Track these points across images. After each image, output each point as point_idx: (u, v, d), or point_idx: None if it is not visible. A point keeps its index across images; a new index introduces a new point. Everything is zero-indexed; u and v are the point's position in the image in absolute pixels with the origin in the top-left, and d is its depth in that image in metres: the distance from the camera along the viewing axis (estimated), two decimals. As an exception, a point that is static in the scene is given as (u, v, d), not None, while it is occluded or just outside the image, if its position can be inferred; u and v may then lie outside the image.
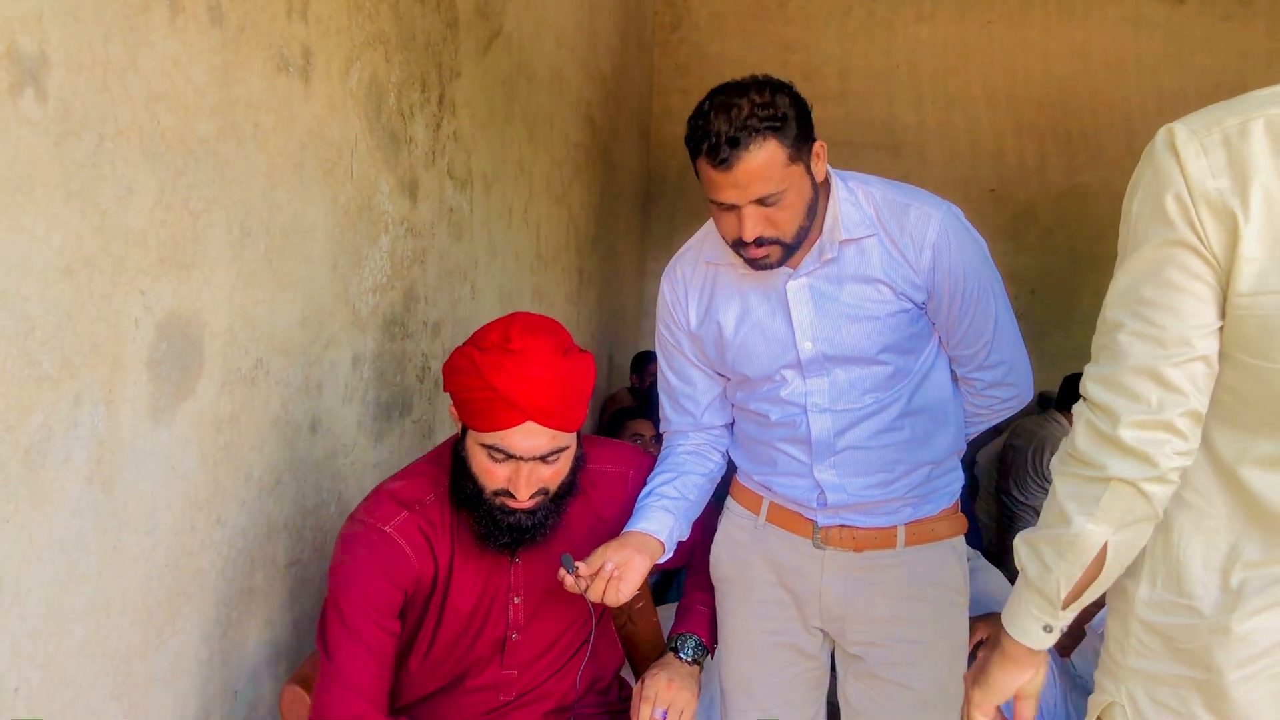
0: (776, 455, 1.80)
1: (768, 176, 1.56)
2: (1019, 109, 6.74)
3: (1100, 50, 6.71)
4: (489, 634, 1.73)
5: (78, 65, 1.33)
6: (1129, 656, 1.23)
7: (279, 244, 1.87)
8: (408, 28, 2.43)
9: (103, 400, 1.42)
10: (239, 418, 1.78)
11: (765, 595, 1.84)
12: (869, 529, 1.77)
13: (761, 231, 1.60)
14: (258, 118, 1.78)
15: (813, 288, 1.70)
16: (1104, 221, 6.75)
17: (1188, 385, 1.11)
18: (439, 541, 1.68)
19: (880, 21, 6.81)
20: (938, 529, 1.80)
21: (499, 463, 1.58)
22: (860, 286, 1.69)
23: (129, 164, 1.44)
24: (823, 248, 1.68)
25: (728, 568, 1.89)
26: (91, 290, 1.38)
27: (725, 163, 1.54)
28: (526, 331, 1.57)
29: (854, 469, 1.75)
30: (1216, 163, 1.09)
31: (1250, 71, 6.57)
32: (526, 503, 1.59)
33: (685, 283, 1.85)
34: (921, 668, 1.77)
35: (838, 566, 1.79)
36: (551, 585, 1.71)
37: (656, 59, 6.85)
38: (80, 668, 1.43)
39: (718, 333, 1.80)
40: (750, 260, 1.65)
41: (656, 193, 6.82)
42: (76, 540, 1.39)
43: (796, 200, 1.60)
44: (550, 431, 1.56)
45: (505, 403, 1.52)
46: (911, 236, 1.68)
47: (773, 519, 1.83)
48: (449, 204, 2.79)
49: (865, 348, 1.70)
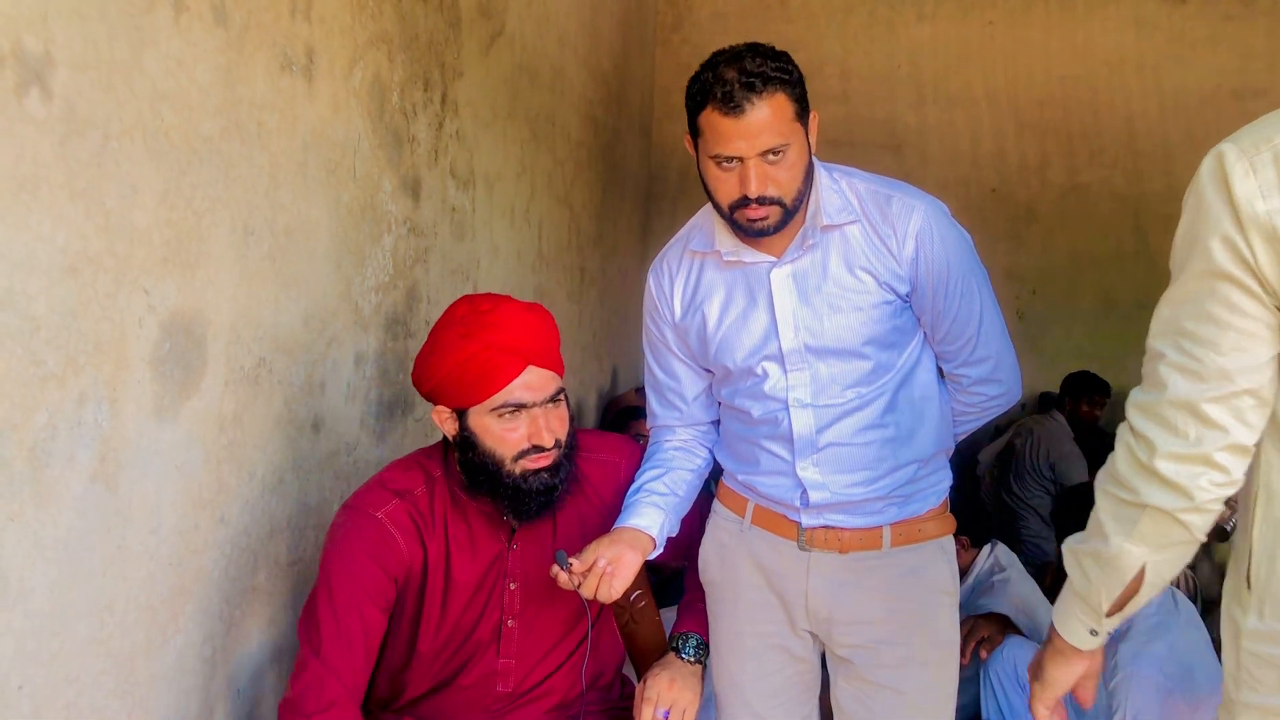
0: (759, 453, 1.78)
1: (777, 128, 1.56)
2: (1020, 109, 6.73)
3: (1102, 50, 6.70)
4: (486, 621, 1.74)
5: (82, 65, 1.33)
6: (1241, 691, 1.18)
7: (282, 243, 1.88)
8: (410, 27, 2.43)
9: (107, 399, 1.42)
10: (242, 416, 1.78)
11: (753, 598, 1.82)
12: (854, 530, 1.74)
13: (765, 188, 1.59)
14: (261, 117, 1.78)
15: (796, 275, 1.70)
16: (1105, 221, 6.75)
17: (1229, 420, 1.10)
18: (429, 531, 1.70)
19: (882, 21, 6.81)
20: (925, 529, 1.77)
21: (512, 421, 1.63)
22: (843, 275, 1.69)
23: (133, 163, 1.44)
24: (805, 234, 1.68)
25: (715, 570, 1.87)
26: (96, 289, 1.38)
27: (738, 108, 1.54)
28: (486, 299, 1.67)
29: (836, 466, 1.72)
30: (1267, 182, 1.05)
31: (1251, 71, 6.57)
32: (551, 453, 1.64)
33: (670, 274, 1.85)
34: (911, 670, 1.74)
35: (823, 569, 1.75)
36: (546, 573, 1.73)
37: (658, 58, 6.85)
38: (84, 666, 1.43)
39: (701, 324, 1.79)
40: (748, 223, 1.63)
41: (658, 192, 6.82)
42: (80, 539, 1.40)
43: (798, 161, 1.61)
44: (548, 373, 1.64)
45: (504, 353, 1.60)
46: (894, 226, 1.68)
47: (758, 521, 1.81)
48: (451, 203, 2.80)
49: (848, 339, 1.68)
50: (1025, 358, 1.78)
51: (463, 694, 1.76)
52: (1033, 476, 4.94)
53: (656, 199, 6.79)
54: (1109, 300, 6.86)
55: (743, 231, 1.67)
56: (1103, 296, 6.86)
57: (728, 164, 1.59)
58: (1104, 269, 6.82)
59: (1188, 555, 1.19)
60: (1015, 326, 1.83)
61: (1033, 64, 6.71)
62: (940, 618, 1.78)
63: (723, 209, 1.65)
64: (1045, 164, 6.77)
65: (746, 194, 1.59)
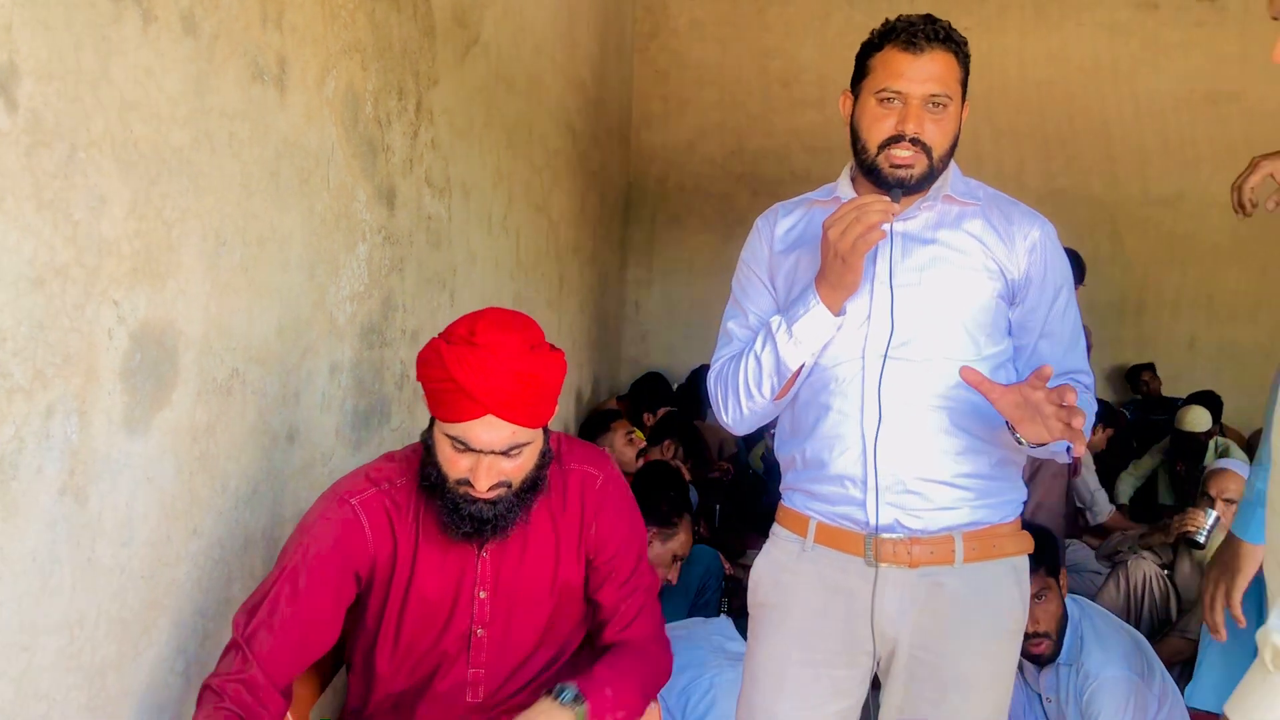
0: (824, 416, 1.71)
1: (945, 79, 1.63)
2: (996, 114, 6.78)
3: (1076, 56, 6.76)
4: (455, 628, 1.72)
5: (48, 75, 1.32)
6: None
7: (255, 253, 1.87)
8: (384, 36, 2.43)
9: (76, 411, 1.41)
10: (215, 428, 1.77)
11: (807, 624, 1.72)
12: (924, 540, 1.65)
13: (922, 130, 1.63)
14: (232, 127, 1.77)
15: (905, 234, 1.70)
16: (1081, 225, 6.79)
17: None
18: (402, 524, 1.68)
19: (859, 28, 6.79)
20: (1000, 544, 1.69)
21: (460, 453, 1.59)
22: (951, 234, 1.70)
23: (102, 174, 1.43)
24: (928, 198, 1.71)
25: (768, 591, 1.78)
26: (64, 300, 1.37)
27: (918, 47, 1.62)
28: (494, 326, 1.59)
29: (907, 432, 1.66)
30: None
31: (1223, 76, 6.64)
32: (487, 494, 1.60)
33: (778, 216, 1.85)
34: (959, 694, 1.66)
35: (891, 584, 1.66)
36: (521, 585, 1.71)
37: (636, 66, 6.87)
38: (54, 681, 1.42)
39: (794, 265, 1.77)
40: (892, 168, 1.65)
41: (637, 199, 6.83)
42: (49, 552, 1.38)
43: (952, 124, 1.66)
44: (512, 426, 1.57)
45: (465, 396, 1.54)
46: (1017, 227, 1.72)
47: (821, 539, 1.72)
48: (427, 212, 2.79)
49: (939, 300, 1.67)
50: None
51: (435, 703, 1.75)
52: None
53: (635, 206, 6.81)
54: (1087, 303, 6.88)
55: (879, 180, 1.67)
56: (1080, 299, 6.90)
57: (890, 102, 1.64)
58: (1081, 273, 6.86)
59: None
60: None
61: (1008, 70, 6.76)
62: (1003, 647, 1.71)
63: (870, 150, 1.67)
64: (1022, 169, 6.82)
65: (903, 131, 1.63)
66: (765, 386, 1.73)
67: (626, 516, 1.82)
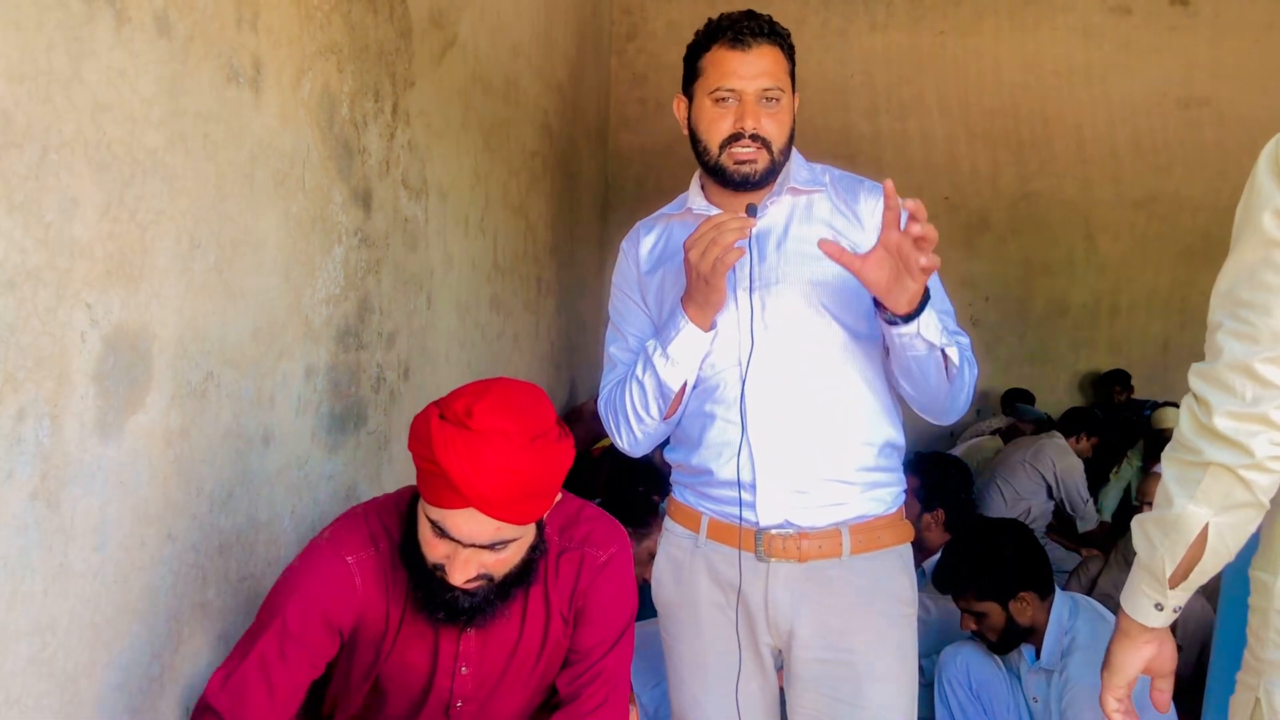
0: (707, 424, 1.75)
1: (776, 74, 1.69)
2: (971, 118, 6.83)
3: (1051, 60, 6.82)
4: (434, 699, 1.66)
5: (19, 76, 1.31)
6: (1268, 649, 1.26)
7: (229, 255, 1.86)
8: (360, 38, 2.42)
9: (48, 415, 1.40)
10: (189, 431, 1.76)
11: (713, 616, 1.79)
12: (813, 535, 1.71)
13: (759, 125, 1.67)
14: (207, 128, 1.76)
15: (758, 234, 1.74)
16: (1056, 228, 6.86)
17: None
18: (395, 587, 1.60)
19: (835, 31, 6.87)
20: (883, 536, 1.75)
21: (439, 539, 1.48)
22: (803, 226, 1.74)
23: (74, 176, 1.42)
24: (774, 192, 1.75)
25: (671, 590, 1.85)
26: (36, 304, 1.36)
27: (744, 44, 1.66)
28: (496, 409, 1.43)
29: (788, 432, 1.70)
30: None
31: (1195, 80, 6.72)
32: (464, 585, 1.50)
33: (640, 235, 1.91)
34: (870, 684, 1.72)
35: (783, 579, 1.73)
36: (506, 663, 1.64)
37: (614, 68, 6.88)
38: (26, 688, 1.40)
39: (661, 281, 1.82)
40: (736, 165, 1.69)
41: (615, 201, 6.83)
42: (20, 558, 1.37)
43: (786, 116, 1.71)
44: (496, 522, 1.43)
45: (448, 485, 1.41)
46: (862, 204, 1.77)
47: (714, 535, 1.78)
48: (404, 214, 2.78)
49: (804, 292, 1.71)
50: (980, 363, 1.79)
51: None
52: (1023, 469, 4.97)
53: (614, 208, 6.80)
54: (1061, 305, 6.97)
55: (725, 180, 1.71)
56: (1055, 302, 6.97)
57: (725, 101, 1.68)
58: (1055, 275, 6.93)
59: (1251, 521, 1.23)
60: (969, 333, 1.83)
61: (983, 73, 6.81)
62: (901, 630, 1.77)
63: (712, 151, 1.71)
64: (997, 172, 6.87)
65: (741, 129, 1.67)
66: (652, 408, 1.77)
67: (615, 605, 1.72)
